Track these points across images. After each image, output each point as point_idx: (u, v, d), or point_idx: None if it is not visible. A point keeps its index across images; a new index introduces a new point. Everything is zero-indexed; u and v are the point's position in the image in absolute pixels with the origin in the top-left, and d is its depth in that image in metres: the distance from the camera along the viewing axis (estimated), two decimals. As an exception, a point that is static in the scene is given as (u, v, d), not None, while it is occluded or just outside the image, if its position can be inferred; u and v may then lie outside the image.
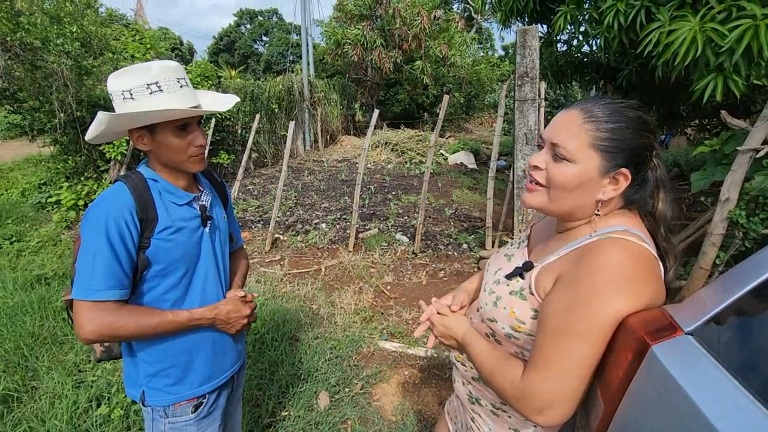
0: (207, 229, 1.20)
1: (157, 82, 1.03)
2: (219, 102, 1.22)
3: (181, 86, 1.08)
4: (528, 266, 0.86)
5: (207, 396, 1.23)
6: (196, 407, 1.21)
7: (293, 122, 5.22)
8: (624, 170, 0.76)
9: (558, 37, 4.36)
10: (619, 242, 0.73)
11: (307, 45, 11.30)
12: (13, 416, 2.12)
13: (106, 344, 1.21)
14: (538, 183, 0.82)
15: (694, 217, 4.42)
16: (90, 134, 1.08)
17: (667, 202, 0.81)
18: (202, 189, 1.24)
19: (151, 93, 1.03)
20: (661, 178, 0.80)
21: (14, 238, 4.79)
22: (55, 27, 5.13)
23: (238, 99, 1.33)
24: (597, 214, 0.80)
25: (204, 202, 1.22)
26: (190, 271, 1.16)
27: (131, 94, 1.02)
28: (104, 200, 1.04)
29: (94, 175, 6.03)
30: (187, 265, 1.15)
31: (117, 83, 1.04)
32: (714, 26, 2.27)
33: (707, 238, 2.55)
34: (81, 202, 5.66)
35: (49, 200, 5.92)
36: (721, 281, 0.72)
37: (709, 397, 0.57)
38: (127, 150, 5.84)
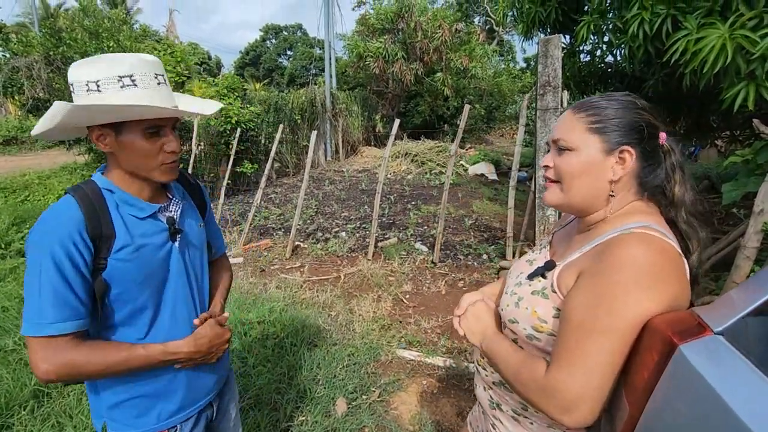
0: (176, 244, 1.04)
1: (131, 76, 0.88)
2: (200, 105, 1.08)
3: (159, 83, 0.93)
4: (550, 265, 0.86)
5: (179, 426, 1.08)
6: None
7: (315, 133, 5.32)
8: (627, 147, 0.79)
9: (581, 48, 4.34)
10: (643, 237, 0.72)
11: (330, 58, 11.56)
12: (43, 411, 2.20)
13: None
14: (551, 180, 0.88)
15: (726, 231, 4.25)
16: (39, 127, 0.91)
17: (685, 184, 0.82)
18: (171, 197, 1.08)
19: (122, 87, 0.88)
20: (675, 161, 0.83)
21: (49, 242, 5.02)
22: (94, 42, 5.43)
23: (222, 105, 1.21)
24: (612, 195, 0.81)
25: (173, 213, 1.06)
26: (157, 292, 1.02)
27: (98, 86, 0.87)
28: (48, 219, 0.88)
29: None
30: (153, 286, 1.00)
31: (81, 73, 0.88)
32: (745, 33, 2.22)
33: (740, 251, 2.45)
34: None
35: (82, 206, 6.19)
36: (752, 281, 0.70)
37: (742, 398, 0.55)
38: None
